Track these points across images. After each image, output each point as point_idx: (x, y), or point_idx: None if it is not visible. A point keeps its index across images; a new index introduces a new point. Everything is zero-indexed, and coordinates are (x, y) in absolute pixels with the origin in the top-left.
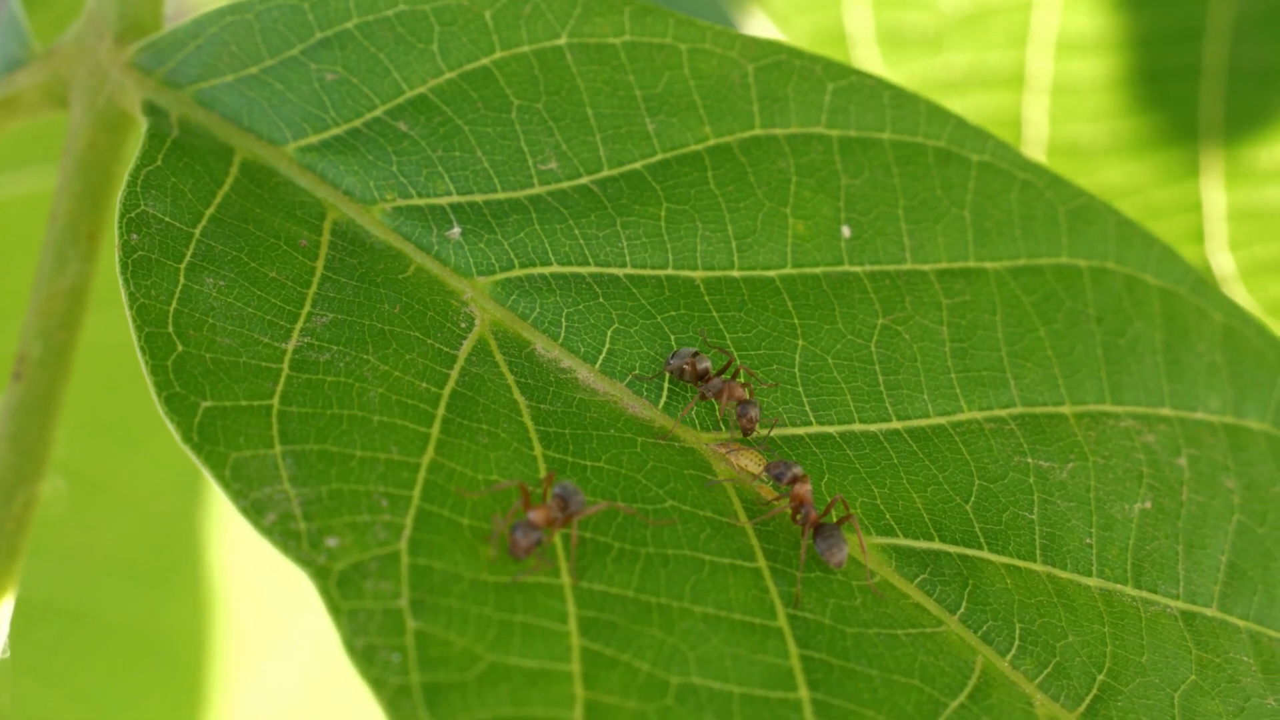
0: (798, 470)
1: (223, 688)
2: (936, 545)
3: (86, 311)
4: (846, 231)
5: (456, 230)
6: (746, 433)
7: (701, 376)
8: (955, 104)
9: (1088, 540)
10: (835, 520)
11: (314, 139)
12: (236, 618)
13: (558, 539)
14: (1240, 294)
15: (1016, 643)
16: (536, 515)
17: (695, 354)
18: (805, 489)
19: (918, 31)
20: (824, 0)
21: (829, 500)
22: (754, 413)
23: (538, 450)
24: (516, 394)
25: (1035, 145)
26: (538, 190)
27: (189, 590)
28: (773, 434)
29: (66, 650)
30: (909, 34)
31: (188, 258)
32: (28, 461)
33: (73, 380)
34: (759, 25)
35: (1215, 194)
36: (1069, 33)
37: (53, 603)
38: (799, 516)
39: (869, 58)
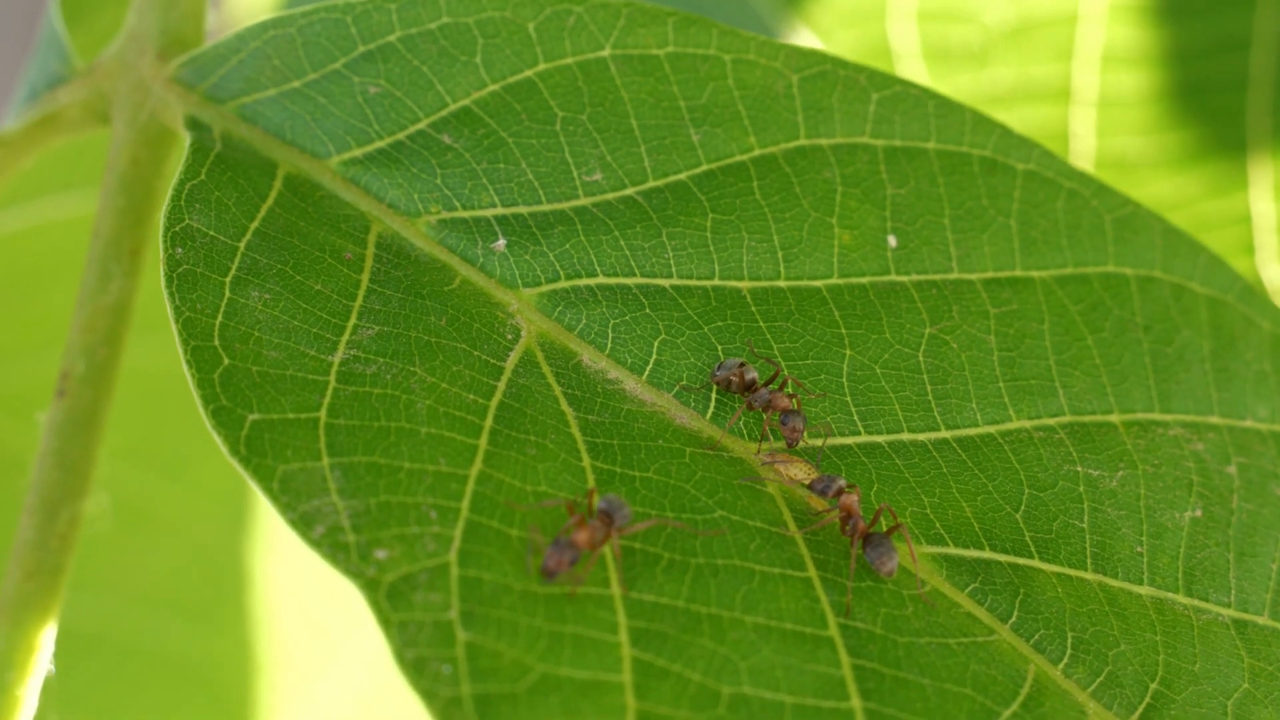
0: (842, 483)
1: (271, 713)
2: (987, 554)
3: (130, 328)
4: (893, 241)
5: (502, 242)
6: (791, 444)
7: (748, 387)
8: (1001, 118)
9: (1138, 549)
10: (885, 530)
11: (358, 152)
12: (286, 640)
13: (607, 550)
14: None
15: (1069, 651)
16: (580, 535)
17: (742, 364)
18: (852, 500)
19: (963, 46)
20: (869, 15)
21: (876, 509)
22: (797, 423)
23: (586, 461)
24: (564, 405)
25: (1083, 159)
26: (583, 202)
27: (236, 622)
28: (822, 444)
29: (114, 684)
30: (954, 49)
31: (233, 271)
32: (72, 478)
33: (115, 408)
34: (803, 40)
35: (1265, 205)
36: (1114, 46)
37: (100, 636)
38: (847, 528)
39: (914, 72)
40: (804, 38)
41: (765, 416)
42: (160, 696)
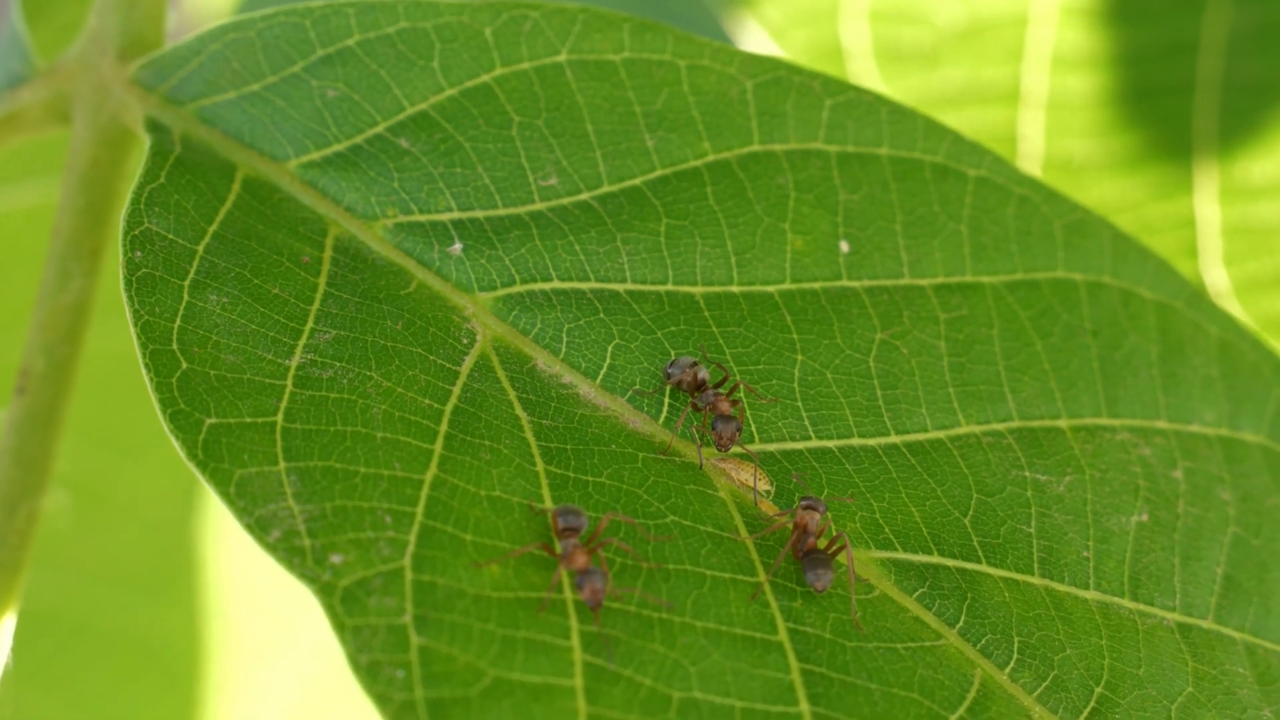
0: (813, 500)
1: (222, 695)
2: (935, 559)
3: (89, 326)
4: (845, 247)
5: (458, 246)
6: (721, 448)
7: (699, 387)
8: (951, 119)
9: (1085, 553)
10: (829, 542)
11: (316, 155)
12: (236, 623)
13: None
14: (1235, 310)
15: (1015, 656)
16: (579, 560)
17: (694, 364)
18: (812, 517)
19: (914, 47)
20: (821, 15)
21: (834, 535)
22: (725, 428)
23: (540, 466)
24: (519, 410)
25: (1031, 161)
26: (538, 206)
27: (188, 599)
28: (773, 449)
29: (68, 660)
30: (905, 49)
31: (191, 274)
32: (30, 475)
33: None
34: (755, 39)
35: (1209, 209)
36: (1064, 48)
37: (54, 613)
38: (798, 544)
39: (866, 72)
40: (756, 37)
41: (705, 418)
42: (114, 671)
